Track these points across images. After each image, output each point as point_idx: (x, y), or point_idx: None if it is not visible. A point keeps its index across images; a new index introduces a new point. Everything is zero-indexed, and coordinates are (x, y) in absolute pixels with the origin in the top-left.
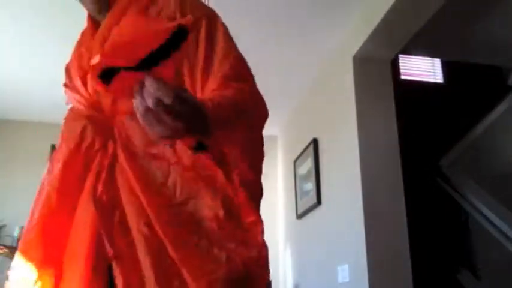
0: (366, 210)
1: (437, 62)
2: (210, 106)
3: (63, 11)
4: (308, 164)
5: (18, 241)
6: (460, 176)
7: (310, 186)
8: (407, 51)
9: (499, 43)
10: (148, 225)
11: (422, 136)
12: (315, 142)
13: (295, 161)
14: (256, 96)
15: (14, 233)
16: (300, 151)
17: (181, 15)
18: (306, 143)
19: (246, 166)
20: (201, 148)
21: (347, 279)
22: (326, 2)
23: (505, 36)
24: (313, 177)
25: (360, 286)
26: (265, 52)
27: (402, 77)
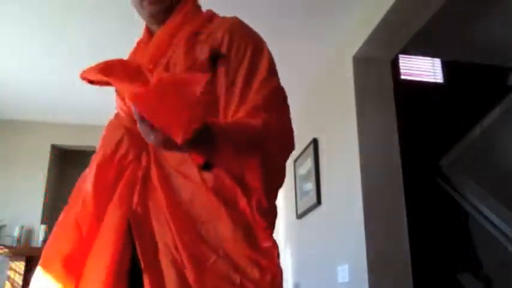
0: (366, 210)
1: (437, 62)
2: (222, 125)
3: (63, 12)
4: (308, 164)
5: (18, 241)
6: (460, 176)
7: (310, 186)
8: (407, 51)
9: (499, 43)
10: (173, 242)
11: (422, 136)
12: (315, 142)
13: (295, 161)
14: (282, 127)
15: (14, 233)
16: (300, 151)
17: (228, 40)
18: (306, 143)
19: (264, 194)
20: (208, 168)
21: (347, 279)
22: (326, 2)
23: (505, 36)
24: (313, 177)
25: (360, 286)
26: None
27: (402, 77)
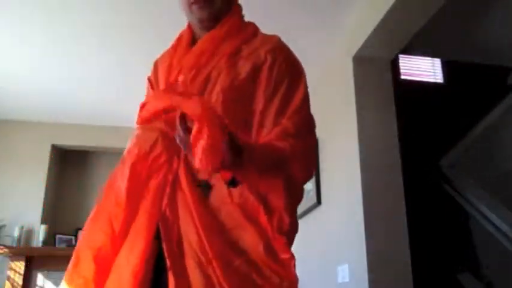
0: (366, 210)
1: (437, 62)
2: (250, 146)
3: (63, 11)
4: None
5: (18, 241)
6: (460, 176)
7: (310, 186)
8: (407, 51)
9: (499, 43)
10: (200, 244)
11: (422, 136)
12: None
13: None
14: (305, 154)
15: (14, 233)
16: None
17: (271, 61)
18: None
19: (285, 212)
20: (235, 184)
21: (347, 279)
22: (326, 2)
23: (505, 36)
24: (313, 177)
25: (360, 286)
26: None
27: (402, 77)
